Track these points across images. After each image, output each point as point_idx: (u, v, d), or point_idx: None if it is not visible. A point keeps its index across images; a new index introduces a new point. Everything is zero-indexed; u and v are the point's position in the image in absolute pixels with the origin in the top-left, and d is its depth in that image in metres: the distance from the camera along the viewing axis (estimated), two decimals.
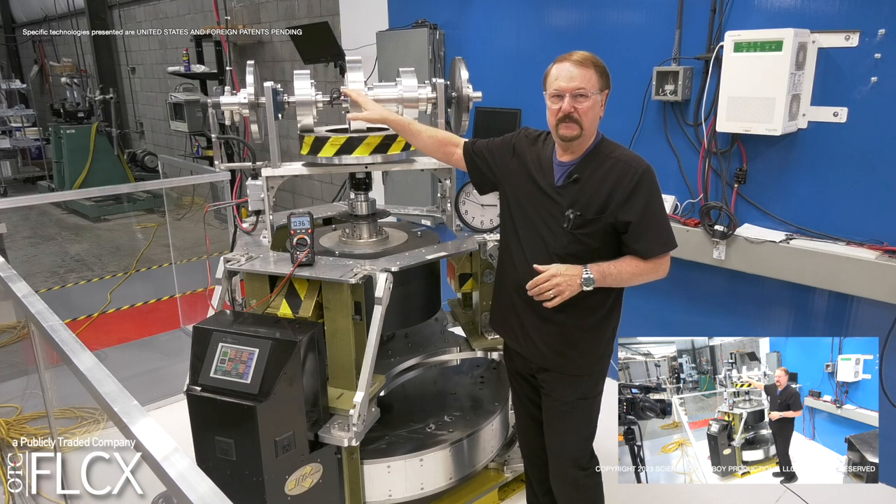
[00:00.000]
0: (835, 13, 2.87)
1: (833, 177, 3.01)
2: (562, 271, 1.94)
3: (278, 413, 2.14)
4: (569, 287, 1.94)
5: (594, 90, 1.96)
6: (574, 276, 1.94)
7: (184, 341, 4.66)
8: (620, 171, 1.99)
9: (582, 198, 2.01)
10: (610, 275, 1.97)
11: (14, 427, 3.65)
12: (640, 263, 2.00)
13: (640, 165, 2.00)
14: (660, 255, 2.01)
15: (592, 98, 1.96)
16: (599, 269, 1.96)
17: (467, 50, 4.53)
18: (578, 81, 1.94)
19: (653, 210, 1.99)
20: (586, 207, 2.00)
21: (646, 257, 1.99)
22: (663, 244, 2.01)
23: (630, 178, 1.97)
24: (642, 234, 1.98)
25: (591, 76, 1.95)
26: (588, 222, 2.00)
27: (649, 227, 1.98)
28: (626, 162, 2.00)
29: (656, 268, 2.02)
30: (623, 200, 1.97)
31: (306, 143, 2.64)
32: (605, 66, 1.99)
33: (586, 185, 2.02)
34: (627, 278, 2.01)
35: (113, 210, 9.29)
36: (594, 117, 2.00)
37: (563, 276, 1.94)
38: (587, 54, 1.97)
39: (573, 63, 1.95)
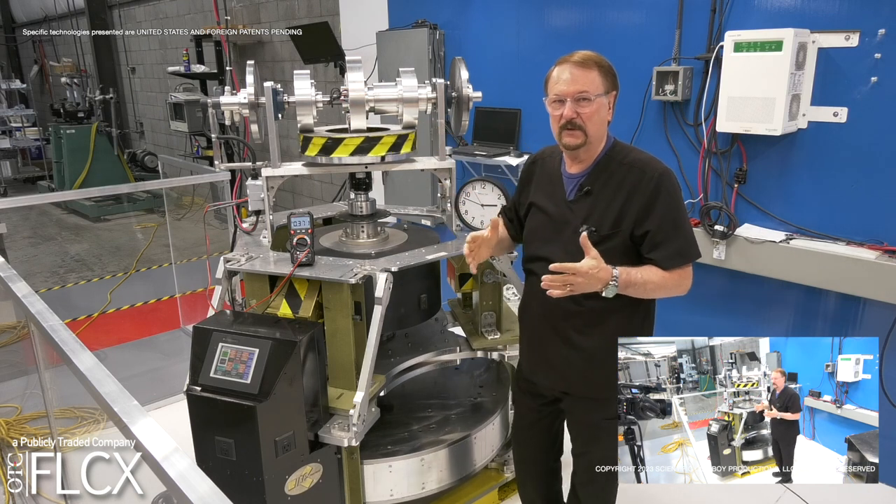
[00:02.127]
0: (835, 13, 2.87)
1: (833, 177, 3.01)
2: (587, 270, 1.74)
3: (278, 413, 2.14)
4: (586, 287, 1.77)
5: (598, 92, 1.83)
6: (599, 281, 1.77)
7: (184, 341, 4.66)
8: (636, 178, 1.84)
9: (596, 211, 1.88)
10: (635, 283, 1.82)
11: (14, 427, 3.65)
12: (665, 275, 1.84)
13: (657, 169, 1.85)
14: (681, 266, 1.86)
15: (597, 101, 1.83)
16: (627, 277, 1.80)
17: (467, 50, 4.53)
18: (580, 84, 1.81)
19: (673, 217, 1.84)
20: (601, 222, 1.87)
21: (665, 268, 1.84)
22: (684, 255, 1.86)
23: (647, 184, 1.83)
24: (661, 243, 1.84)
25: (594, 77, 1.83)
26: (604, 238, 1.85)
27: (669, 235, 1.84)
28: (640, 167, 1.86)
29: (679, 281, 1.87)
30: (641, 209, 1.83)
31: (315, 145, 2.60)
32: (611, 65, 1.87)
33: (600, 197, 1.88)
34: (651, 289, 1.86)
35: (113, 210, 9.29)
36: (600, 122, 1.87)
37: (587, 276, 1.75)
38: (589, 54, 1.85)
39: (574, 64, 1.83)
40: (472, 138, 4.63)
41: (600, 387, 2.01)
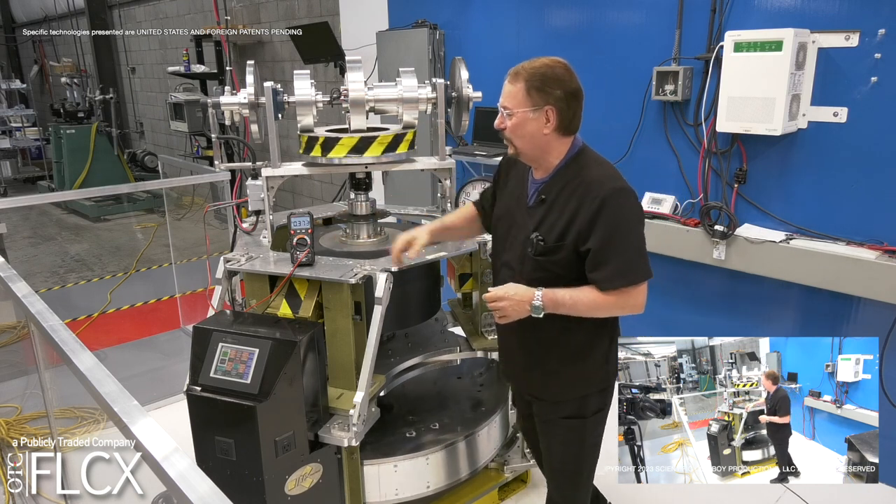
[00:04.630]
0: (835, 13, 2.87)
1: (833, 177, 3.01)
2: (510, 294, 1.81)
3: (278, 413, 2.14)
4: (515, 311, 1.82)
5: (521, 108, 1.79)
6: (523, 302, 1.81)
7: (184, 341, 4.66)
8: (582, 195, 1.80)
9: (547, 222, 1.87)
10: (563, 304, 1.81)
11: (14, 427, 3.65)
12: (599, 296, 1.80)
13: (605, 188, 1.78)
14: (621, 289, 1.80)
15: (519, 115, 1.80)
16: (552, 297, 1.80)
17: (467, 50, 4.53)
18: (504, 98, 1.82)
19: (617, 238, 1.78)
20: (549, 233, 1.86)
21: (602, 289, 1.80)
22: (624, 276, 1.79)
23: (591, 203, 1.78)
24: (600, 263, 1.79)
25: (518, 92, 1.79)
26: (550, 250, 1.85)
27: (609, 255, 1.78)
28: (589, 185, 1.81)
29: (620, 302, 1.82)
30: (583, 227, 1.79)
31: (315, 145, 2.60)
32: (555, 77, 1.78)
33: (553, 208, 1.87)
34: (584, 310, 1.83)
35: (113, 210, 9.29)
36: (527, 135, 1.82)
37: (509, 301, 1.81)
38: (524, 65, 1.81)
39: (508, 77, 1.82)
40: (472, 138, 4.63)
41: (556, 393, 2.07)
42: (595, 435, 2.11)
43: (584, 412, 2.05)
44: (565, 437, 2.10)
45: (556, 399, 2.07)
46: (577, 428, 2.07)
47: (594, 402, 2.06)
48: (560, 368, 2.01)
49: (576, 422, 2.06)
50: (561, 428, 2.09)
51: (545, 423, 2.15)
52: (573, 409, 2.05)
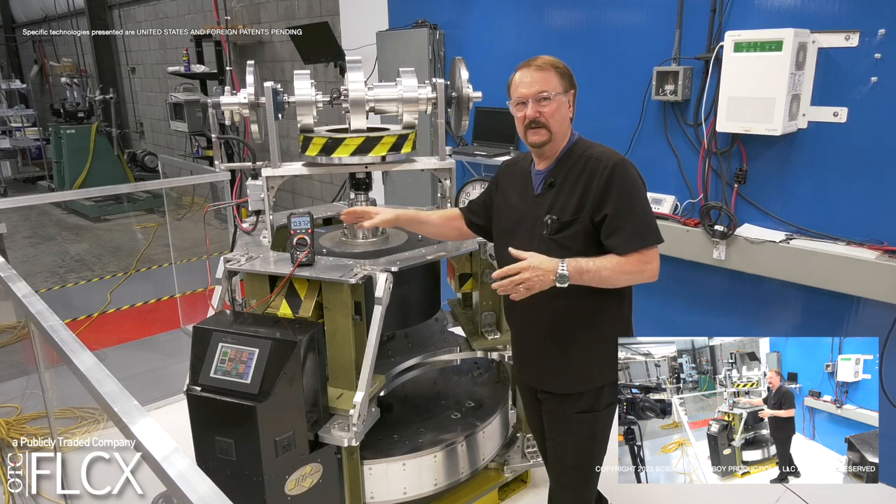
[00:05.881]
0: (835, 13, 2.87)
1: (833, 177, 3.01)
2: (534, 264, 1.83)
3: (278, 413, 2.14)
4: (539, 283, 1.84)
5: (557, 91, 1.94)
6: (548, 272, 1.83)
7: (184, 341, 4.66)
8: (592, 168, 1.95)
9: (559, 201, 1.98)
10: (587, 271, 1.87)
11: (14, 427, 3.65)
12: (621, 260, 1.90)
13: (612, 158, 1.95)
14: (639, 251, 1.91)
15: (556, 100, 1.94)
16: (576, 265, 1.86)
17: (467, 50, 4.53)
18: (539, 85, 1.93)
19: (628, 202, 1.91)
20: (563, 210, 1.97)
21: (621, 253, 1.90)
22: (641, 238, 1.91)
23: (601, 173, 1.92)
24: (617, 228, 1.90)
25: (552, 78, 1.94)
26: (565, 225, 1.96)
27: (624, 219, 1.90)
28: (597, 159, 1.96)
29: (640, 267, 1.91)
30: (597, 196, 1.92)
31: (315, 145, 2.60)
32: (567, 67, 1.99)
33: (562, 188, 1.99)
34: (607, 276, 1.90)
35: (113, 210, 9.29)
36: (561, 119, 1.98)
37: (534, 271, 1.82)
38: (547, 58, 1.97)
39: (533, 69, 1.95)
40: (472, 138, 4.63)
41: (573, 384, 2.10)
42: (605, 430, 2.16)
43: (597, 405, 2.10)
44: (580, 432, 2.14)
45: (573, 390, 2.10)
46: (590, 422, 2.12)
47: (607, 395, 2.10)
48: (580, 354, 2.06)
49: (588, 416, 2.11)
50: (574, 423, 2.13)
51: (558, 420, 2.17)
52: (587, 404, 2.10)
